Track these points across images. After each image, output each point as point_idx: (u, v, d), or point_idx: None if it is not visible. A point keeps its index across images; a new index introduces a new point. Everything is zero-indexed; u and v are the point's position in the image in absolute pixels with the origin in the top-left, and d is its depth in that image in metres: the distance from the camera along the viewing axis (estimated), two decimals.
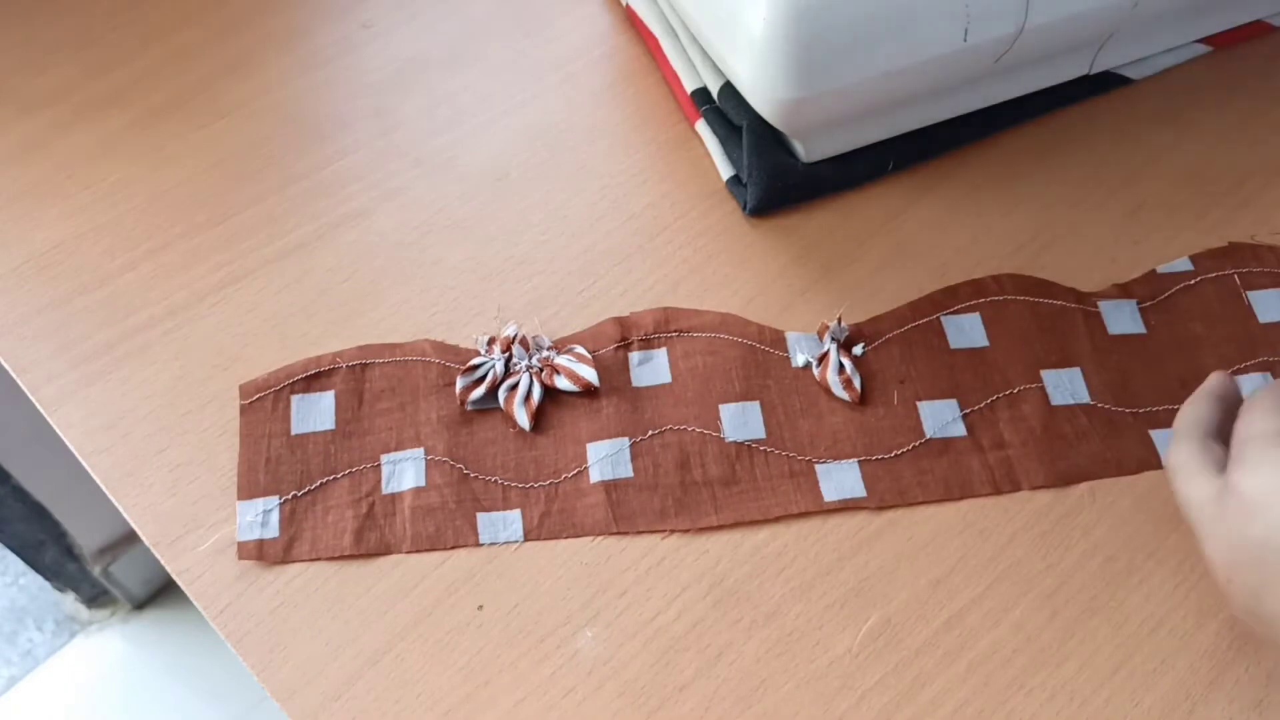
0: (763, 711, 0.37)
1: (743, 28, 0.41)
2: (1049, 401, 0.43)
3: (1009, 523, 0.41)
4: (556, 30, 0.54)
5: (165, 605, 1.12)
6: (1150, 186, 0.50)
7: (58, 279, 0.45)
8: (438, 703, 0.37)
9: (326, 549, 0.39)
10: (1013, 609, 0.39)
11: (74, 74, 0.51)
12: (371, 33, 0.54)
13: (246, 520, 0.39)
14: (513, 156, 0.50)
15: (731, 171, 0.48)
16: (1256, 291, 0.47)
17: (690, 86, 0.50)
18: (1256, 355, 0.45)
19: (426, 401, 0.42)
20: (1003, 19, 0.43)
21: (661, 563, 0.40)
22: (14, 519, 0.92)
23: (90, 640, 1.11)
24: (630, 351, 0.44)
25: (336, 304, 0.45)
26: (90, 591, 1.08)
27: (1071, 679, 0.37)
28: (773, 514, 0.40)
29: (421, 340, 0.44)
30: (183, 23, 0.53)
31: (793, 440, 0.42)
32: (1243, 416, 0.36)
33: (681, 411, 0.42)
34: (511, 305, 0.45)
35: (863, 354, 0.44)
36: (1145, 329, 0.46)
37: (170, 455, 0.41)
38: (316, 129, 0.50)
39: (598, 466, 0.41)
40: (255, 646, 0.37)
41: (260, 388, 0.42)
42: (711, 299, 0.45)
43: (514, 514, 0.40)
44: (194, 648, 1.09)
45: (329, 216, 0.47)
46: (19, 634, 1.11)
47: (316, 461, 0.41)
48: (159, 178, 0.48)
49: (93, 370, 0.43)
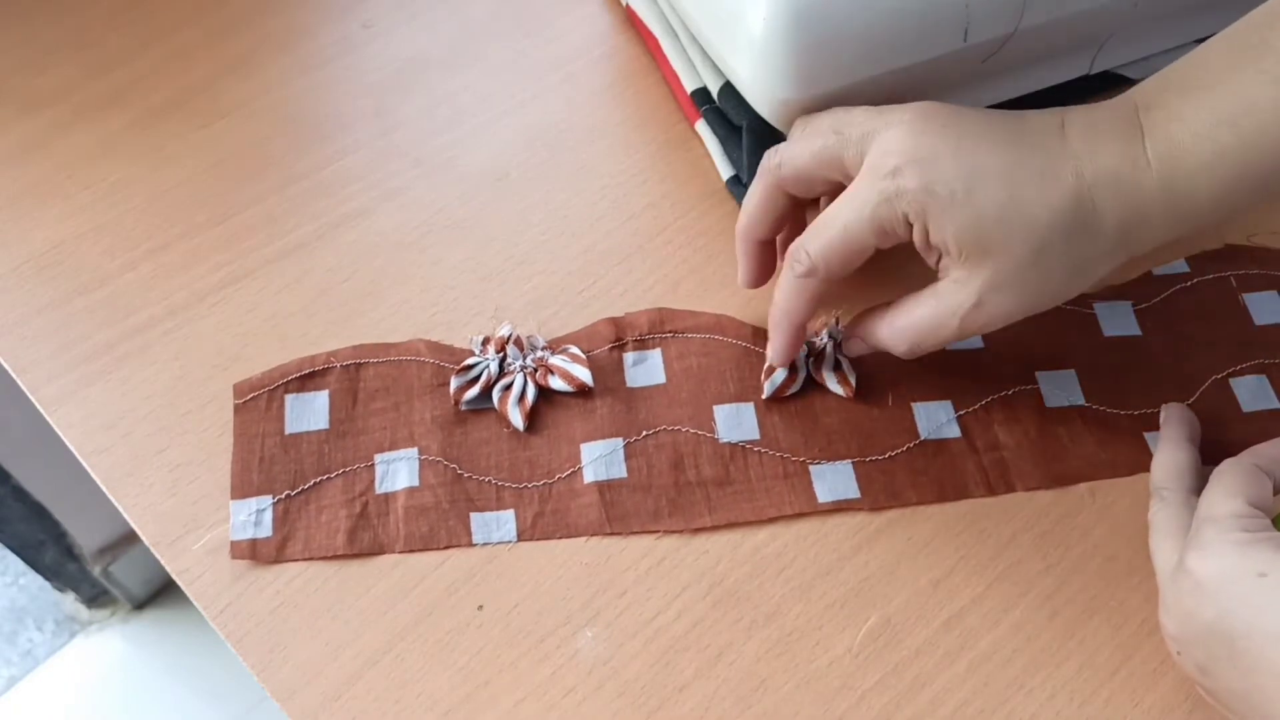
0: (763, 711, 0.37)
1: (743, 28, 0.41)
2: (1044, 403, 0.43)
3: (1008, 523, 0.41)
4: (556, 30, 0.54)
5: (165, 605, 1.12)
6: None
7: (58, 279, 0.45)
8: (438, 703, 0.37)
9: (320, 549, 0.39)
10: (1013, 609, 0.39)
11: (74, 74, 0.51)
12: (372, 33, 0.54)
13: (240, 520, 0.39)
14: (513, 156, 0.50)
15: (731, 171, 0.48)
16: (1253, 294, 0.47)
17: (690, 86, 0.50)
18: (1252, 358, 0.45)
19: (421, 401, 0.42)
20: (1003, 19, 0.43)
21: (661, 563, 0.40)
22: (14, 519, 0.93)
23: (90, 640, 1.11)
24: (625, 352, 0.44)
25: (336, 304, 0.45)
26: (90, 591, 1.08)
27: (1071, 679, 0.38)
28: (766, 515, 0.40)
29: (416, 340, 0.44)
30: (183, 23, 0.53)
31: (787, 441, 0.42)
32: (1206, 493, 0.37)
33: (676, 412, 0.42)
34: (511, 305, 0.45)
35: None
36: (1141, 331, 0.46)
37: (170, 455, 0.41)
38: (316, 129, 0.50)
39: (591, 467, 0.41)
40: (255, 646, 0.37)
41: (254, 387, 0.42)
42: (711, 299, 0.46)
43: (508, 514, 0.40)
44: (194, 648, 1.09)
45: (329, 216, 0.47)
46: (19, 634, 1.12)
47: (310, 461, 0.41)
48: (159, 178, 0.48)
49: (93, 370, 0.43)
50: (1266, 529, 0.34)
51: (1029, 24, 0.43)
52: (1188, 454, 0.40)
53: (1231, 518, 0.35)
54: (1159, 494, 0.39)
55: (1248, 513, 0.35)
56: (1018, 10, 0.43)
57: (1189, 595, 0.34)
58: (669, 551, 0.40)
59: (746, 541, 0.40)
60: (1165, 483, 0.39)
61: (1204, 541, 0.35)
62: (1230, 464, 0.37)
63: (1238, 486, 0.36)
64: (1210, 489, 0.37)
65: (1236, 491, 0.36)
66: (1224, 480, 0.37)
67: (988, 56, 0.44)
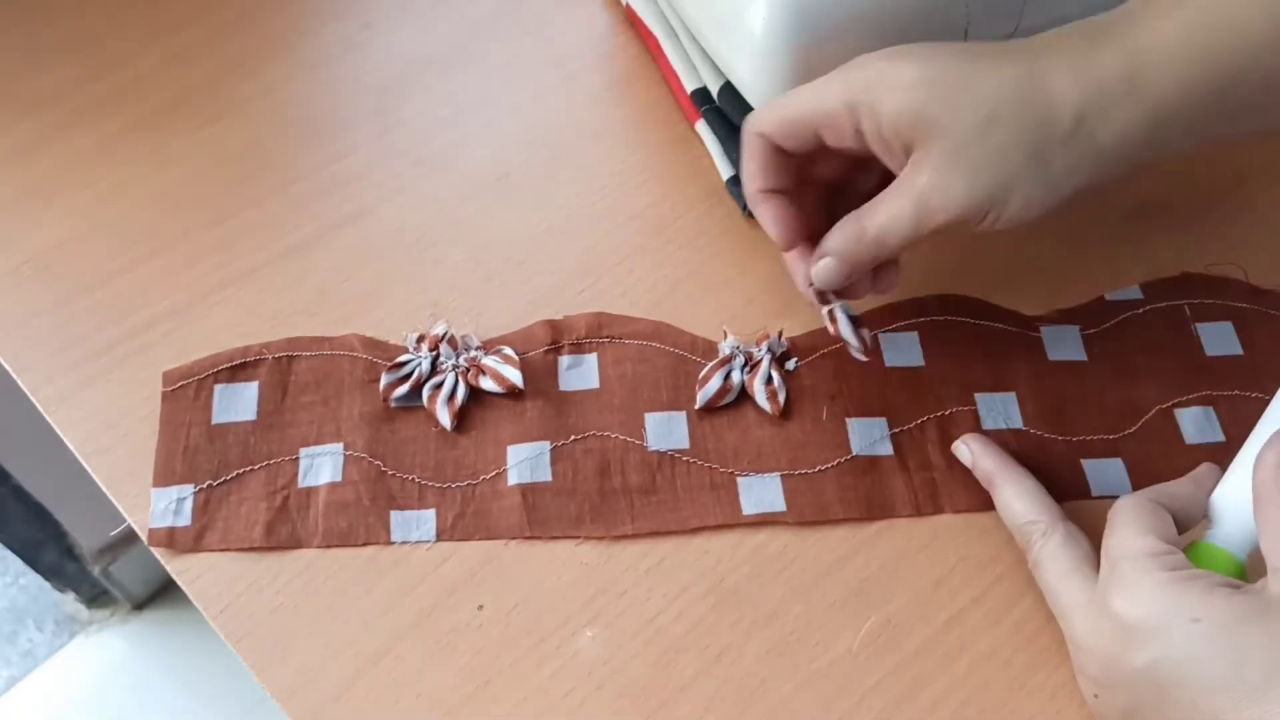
0: (763, 711, 0.37)
1: (743, 28, 0.41)
2: (980, 424, 0.43)
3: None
4: (556, 30, 0.54)
5: (165, 605, 1.12)
6: (1150, 187, 0.50)
7: (58, 279, 0.45)
8: (438, 703, 0.37)
9: (237, 540, 0.39)
10: (1013, 609, 0.39)
11: (74, 75, 0.51)
12: (372, 33, 0.54)
13: (160, 508, 0.39)
14: (513, 156, 0.50)
15: (731, 171, 0.48)
16: (1206, 324, 0.46)
17: (690, 86, 0.50)
18: (1198, 389, 0.44)
19: (351, 397, 0.42)
20: (1003, 19, 0.43)
21: (661, 563, 0.40)
22: (14, 519, 0.92)
23: (90, 640, 1.11)
24: (560, 355, 0.43)
25: (336, 304, 0.45)
26: (90, 591, 1.08)
27: (1071, 679, 0.37)
28: (689, 525, 0.40)
29: (351, 335, 0.43)
30: (183, 23, 0.53)
31: (716, 452, 0.42)
32: (1111, 531, 0.35)
33: (606, 418, 0.42)
34: (511, 305, 0.45)
35: (795, 369, 0.43)
36: (1087, 356, 0.45)
37: None
38: (317, 129, 0.50)
39: (516, 469, 0.41)
40: (255, 646, 0.37)
41: (184, 375, 0.42)
42: (711, 299, 0.45)
43: (428, 513, 0.40)
44: (194, 648, 1.09)
45: (329, 216, 0.47)
46: (19, 634, 1.12)
47: (235, 452, 0.41)
48: (159, 178, 0.48)
49: (93, 370, 0.43)
50: (1187, 566, 0.33)
51: (1029, 24, 0.43)
52: (1032, 479, 0.39)
53: (1149, 556, 0.33)
54: (1032, 528, 0.38)
55: (1164, 549, 0.34)
56: (1018, 10, 0.43)
57: (1114, 639, 0.33)
58: (669, 551, 0.40)
59: (746, 541, 0.40)
60: (1034, 515, 0.38)
61: (1128, 582, 0.33)
62: (1130, 501, 0.36)
63: (1146, 524, 0.35)
64: (1117, 527, 0.35)
65: (1147, 529, 0.34)
66: (1128, 517, 0.35)
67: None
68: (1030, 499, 0.38)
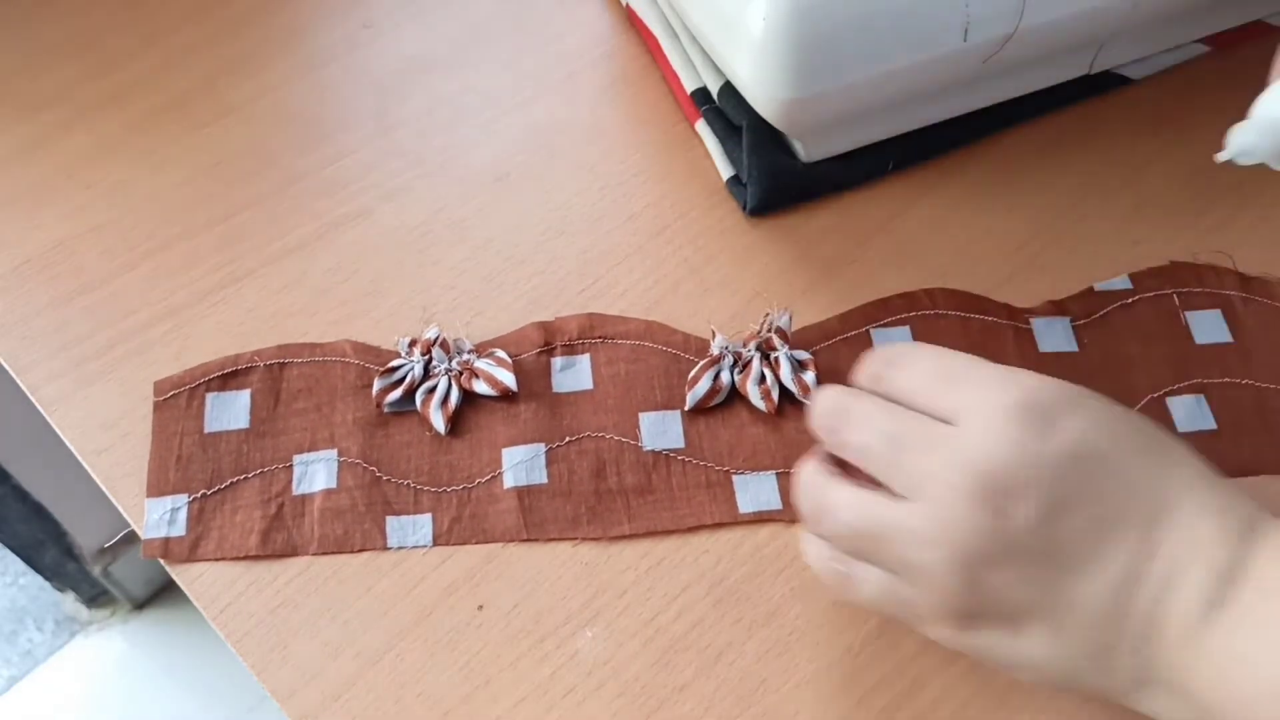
0: (763, 711, 0.37)
1: (743, 28, 0.41)
2: None
3: None
4: (556, 30, 0.54)
5: (165, 605, 1.12)
6: (1150, 186, 0.50)
7: (58, 279, 0.45)
8: (438, 703, 0.37)
9: (232, 549, 0.39)
10: None
11: (74, 75, 0.51)
12: (372, 33, 0.54)
13: (154, 518, 0.39)
14: (513, 156, 0.50)
15: (731, 171, 0.49)
16: (1195, 312, 0.46)
17: (690, 86, 0.51)
18: (1190, 377, 0.44)
19: (344, 402, 0.42)
20: (1003, 19, 0.43)
21: (661, 563, 0.40)
22: (14, 519, 0.93)
23: (90, 640, 1.11)
24: (553, 357, 0.43)
25: (336, 304, 0.45)
26: (90, 591, 1.08)
27: None
28: (686, 524, 0.40)
29: (342, 341, 0.43)
30: (183, 23, 0.53)
31: (711, 450, 0.42)
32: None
33: (600, 419, 0.42)
34: (511, 305, 0.45)
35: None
36: (1078, 347, 0.45)
37: None
38: (317, 129, 0.50)
39: (512, 472, 0.41)
40: (255, 646, 0.37)
41: (175, 385, 0.42)
42: (711, 299, 0.45)
43: (424, 518, 0.40)
44: (194, 648, 1.09)
45: (329, 216, 0.47)
46: (19, 634, 1.12)
47: (228, 460, 0.40)
48: (159, 178, 0.48)
49: (93, 370, 0.43)
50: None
51: (1029, 24, 0.43)
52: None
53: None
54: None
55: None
56: (1018, 10, 0.43)
57: (1027, 429, 0.30)
58: (669, 551, 0.40)
59: (747, 541, 0.40)
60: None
61: (1018, 379, 0.32)
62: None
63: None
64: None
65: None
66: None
67: (988, 56, 0.44)
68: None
